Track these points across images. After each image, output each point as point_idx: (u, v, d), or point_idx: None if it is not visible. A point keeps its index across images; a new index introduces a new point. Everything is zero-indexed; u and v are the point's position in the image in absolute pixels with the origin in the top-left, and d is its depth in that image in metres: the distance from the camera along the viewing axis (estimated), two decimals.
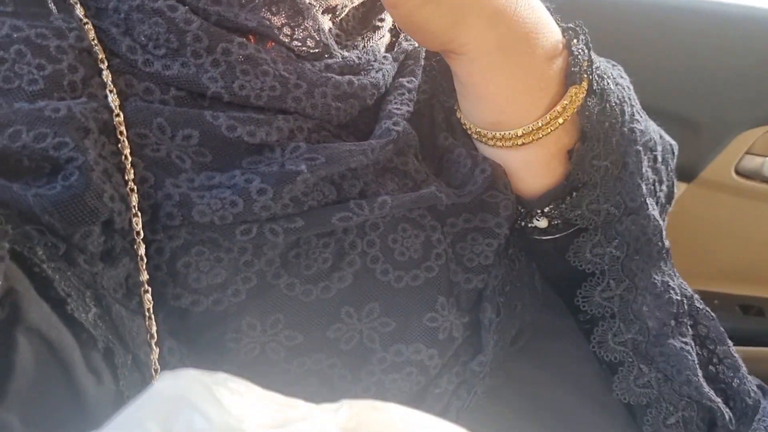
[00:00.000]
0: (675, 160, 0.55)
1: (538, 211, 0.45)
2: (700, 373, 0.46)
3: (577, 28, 0.43)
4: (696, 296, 0.52)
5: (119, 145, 0.36)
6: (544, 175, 0.44)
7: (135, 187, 0.36)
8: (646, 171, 0.46)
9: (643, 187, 0.45)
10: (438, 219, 0.43)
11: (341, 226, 0.39)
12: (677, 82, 0.84)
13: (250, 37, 0.41)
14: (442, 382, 0.41)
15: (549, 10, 0.44)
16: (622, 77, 0.48)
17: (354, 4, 0.46)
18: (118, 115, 0.36)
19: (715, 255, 0.91)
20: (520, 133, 0.42)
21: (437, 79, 0.47)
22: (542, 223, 0.45)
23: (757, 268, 0.91)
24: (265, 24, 0.40)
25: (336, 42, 0.44)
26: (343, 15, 0.46)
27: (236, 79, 0.39)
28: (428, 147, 0.45)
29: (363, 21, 0.48)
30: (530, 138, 0.42)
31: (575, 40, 0.43)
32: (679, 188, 0.87)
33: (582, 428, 0.46)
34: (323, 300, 0.39)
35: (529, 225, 0.46)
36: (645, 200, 0.44)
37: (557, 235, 0.46)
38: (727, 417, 0.46)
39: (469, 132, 0.44)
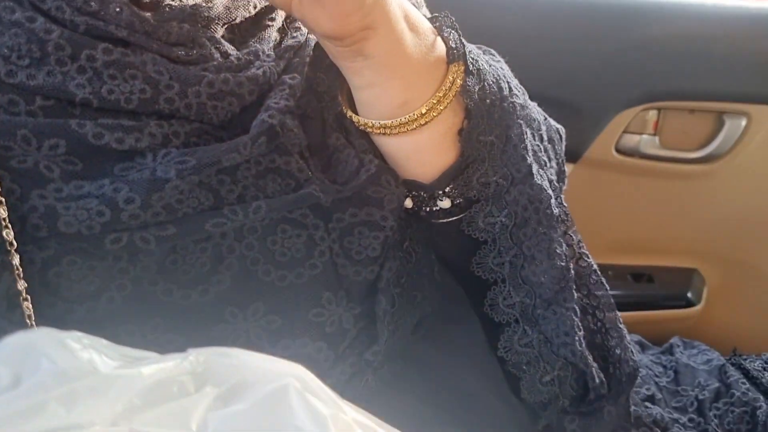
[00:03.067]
0: (564, 143, 0.59)
1: (440, 192, 0.47)
2: (578, 337, 0.50)
3: (443, 17, 0.46)
4: (596, 268, 0.56)
5: None
6: (441, 155, 0.46)
7: (2, 200, 0.36)
8: (530, 143, 0.48)
9: (528, 157, 0.47)
10: (322, 216, 0.44)
11: (216, 231, 0.40)
12: (556, 70, 0.90)
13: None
14: (335, 373, 0.42)
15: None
16: (495, 60, 0.51)
17: (251, 14, 0.47)
18: None
19: (606, 229, 0.97)
20: (423, 110, 0.43)
21: (325, 86, 0.48)
22: (446, 203, 0.47)
23: (644, 239, 0.97)
24: (136, 34, 0.40)
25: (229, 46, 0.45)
26: (236, 21, 0.46)
27: (104, 84, 0.39)
28: (318, 147, 0.46)
29: (256, 23, 0.48)
30: (431, 115, 0.44)
31: (445, 27, 0.45)
32: (567, 169, 0.93)
33: (481, 408, 0.50)
34: (202, 302, 0.40)
35: (434, 208, 0.48)
36: (531, 170, 0.47)
37: (461, 215, 0.48)
38: (597, 380, 0.50)
39: (369, 130, 0.45)
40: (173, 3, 0.42)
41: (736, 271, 0.98)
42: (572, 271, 0.51)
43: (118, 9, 0.39)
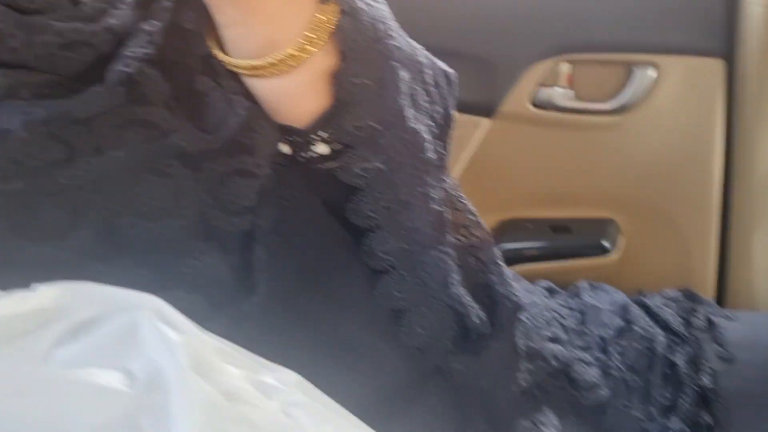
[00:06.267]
0: (454, 87, 0.59)
1: (315, 137, 0.46)
2: (455, 280, 0.51)
3: None
4: (471, 209, 0.57)
5: None
6: (315, 98, 0.45)
7: None
8: (407, 87, 0.48)
9: (403, 101, 0.47)
10: (191, 166, 0.42)
11: (71, 184, 0.38)
12: (467, 25, 0.90)
13: None
14: (213, 326, 0.40)
15: None
16: (376, 0, 0.50)
17: None
18: None
19: (525, 183, 0.99)
20: (293, 51, 0.42)
21: (192, 24, 0.46)
22: (322, 148, 0.47)
23: (562, 191, 0.99)
24: None
25: None
26: None
27: None
28: (185, 95, 0.45)
29: None
30: (302, 57, 0.42)
31: None
32: (482, 124, 0.94)
33: (367, 353, 0.49)
34: (62, 259, 0.38)
35: (312, 154, 0.47)
36: (405, 114, 0.47)
37: (339, 161, 0.47)
38: (477, 320, 0.52)
39: (238, 71, 0.44)
40: None
41: (649, 218, 1.01)
42: (448, 215, 0.51)
43: None
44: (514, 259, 0.95)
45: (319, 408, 0.30)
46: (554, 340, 0.62)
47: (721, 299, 1.02)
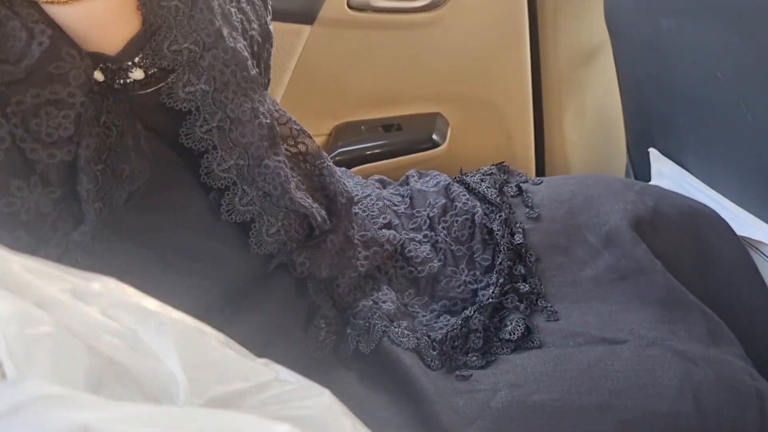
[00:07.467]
0: (270, 4, 0.60)
1: (129, 63, 0.46)
2: (292, 185, 0.54)
3: None
4: (293, 119, 0.60)
5: None
6: (123, 24, 0.45)
7: None
8: (220, 6, 0.49)
9: (217, 21, 0.48)
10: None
11: None
12: None
13: None
14: (40, 255, 0.41)
15: None
16: None
17: None
18: None
19: (354, 86, 1.01)
20: None
21: None
22: (138, 74, 0.47)
23: (389, 91, 1.03)
24: None
25: None
26: None
27: None
28: None
29: None
30: None
31: None
32: (304, 32, 0.95)
33: (206, 257, 0.52)
34: None
35: (128, 81, 0.47)
36: (221, 33, 0.48)
37: (159, 86, 0.47)
38: (319, 219, 0.55)
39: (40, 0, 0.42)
40: None
41: (472, 108, 1.08)
42: (277, 127, 0.54)
43: None
44: (352, 161, 0.99)
45: (141, 307, 0.32)
46: (388, 225, 0.67)
47: (542, 172, 1.13)
